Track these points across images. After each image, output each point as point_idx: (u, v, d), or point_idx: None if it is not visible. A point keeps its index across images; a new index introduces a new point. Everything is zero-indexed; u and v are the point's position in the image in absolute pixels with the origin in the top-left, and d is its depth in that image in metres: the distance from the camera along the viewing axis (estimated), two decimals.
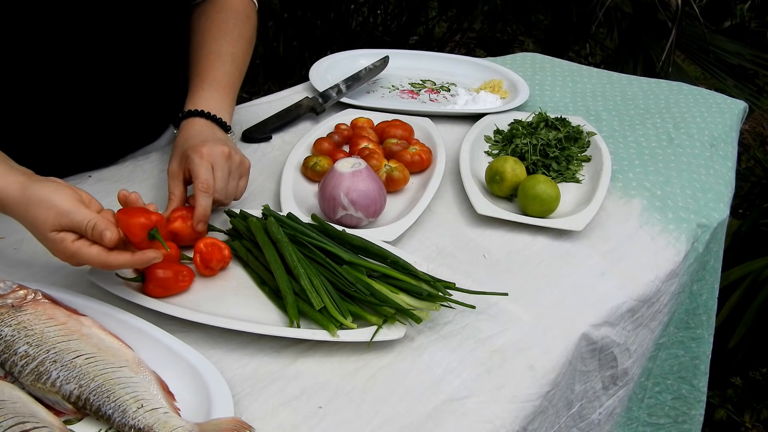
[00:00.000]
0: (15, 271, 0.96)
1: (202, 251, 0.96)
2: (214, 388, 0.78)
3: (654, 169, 1.30)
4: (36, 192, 0.85)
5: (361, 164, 1.09)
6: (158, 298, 0.91)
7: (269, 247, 0.97)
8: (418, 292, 0.90)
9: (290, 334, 0.87)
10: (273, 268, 0.94)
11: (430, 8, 3.26)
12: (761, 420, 2.06)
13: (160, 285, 0.91)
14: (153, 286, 0.91)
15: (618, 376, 1.11)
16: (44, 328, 0.81)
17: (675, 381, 1.33)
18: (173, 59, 1.24)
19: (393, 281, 0.92)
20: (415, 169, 1.23)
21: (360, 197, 1.06)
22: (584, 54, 3.11)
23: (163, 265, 0.91)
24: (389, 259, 0.96)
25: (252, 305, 0.93)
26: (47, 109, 1.10)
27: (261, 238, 0.98)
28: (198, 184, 1.00)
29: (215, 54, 1.19)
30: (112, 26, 1.09)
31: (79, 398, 0.75)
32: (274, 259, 0.95)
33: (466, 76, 1.60)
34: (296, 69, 2.87)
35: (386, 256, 0.97)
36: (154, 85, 1.23)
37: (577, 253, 1.08)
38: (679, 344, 1.29)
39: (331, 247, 0.97)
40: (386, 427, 0.79)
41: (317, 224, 1.04)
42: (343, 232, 1.01)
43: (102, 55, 1.10)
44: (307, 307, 0.89)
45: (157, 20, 1.16)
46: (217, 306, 0.92)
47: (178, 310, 0.88)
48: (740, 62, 2.40)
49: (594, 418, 1.10)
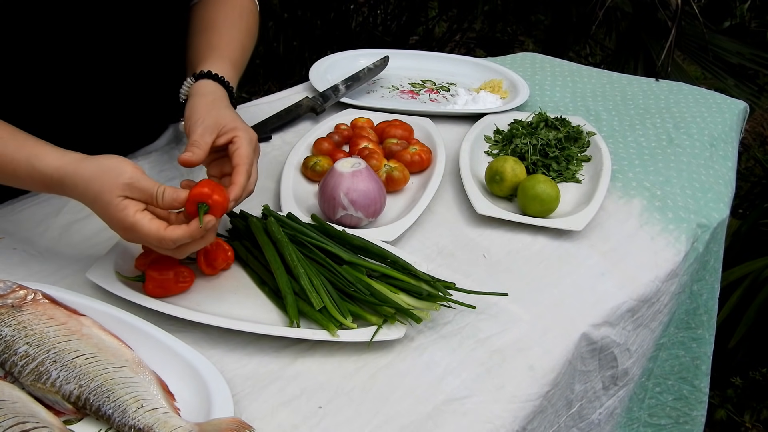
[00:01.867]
0: (15, 271, 0.96)
1: (207, 250, 0.96)
2: (213, 388, 0.78)
3: (654, 169, 1.30)
4: (104, 162, 0.87)
5: (361, 164, 1.09)
6: (158, 298, 0.91)
7: (269, 247, 0.97)
8: (418, 292, 0.91)
9: (290, 334, 0.87)
10: (273, 268, 0.94)
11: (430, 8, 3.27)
12: (761, 420, 2.06)
13: (160, 285, 0.91)
14: (153, 286, 0.91)
15: (618, 376, 1.11)
16: (44, 328, 0.81)
17: (676, 381, 1.33)
18: (173, 59, 1.24)
19: (393, 281, 0.92)
20: (415, 169, 1.23)
21: (360, 197, 1.06)
22: (584, 54, 3.11)
23: (162, 265, 0.91)
24: (389, 259, 0.96)
25: (252, 305, 0.93)
26: (46, 108, 1.10)
27: (261, 239, 0.98)
28: (245, 163, 0.93)
29: (228, 37, 1.15)
30: (112, 25, 1.09)
31: (79, 398, 0.76)
32: (274, 259, 0.95)
33: (466, 76, 1.60)
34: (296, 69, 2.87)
35: (386, 256, 0.97)
36: (153, 85, 1.23)
37: (577, 253, 1.08)
38: (679, 344, 1.29)
39: (331, 247, 0.97)
40: (386, 427, 0.79)
41: (317, 224, 1.04)
42: (342, 232, 1.01)
43: (102, 54, 1.10)
44: (307, 307, 0.89)
45: (156, 19, 1.16)
46: (217, 306, 0.92)
47: (178, 309, 0.88)
48: (740, 61, 2.39)
49: (594, 419, 1.10)
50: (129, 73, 1.16)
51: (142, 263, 0.95)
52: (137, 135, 1.27)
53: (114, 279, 0.92)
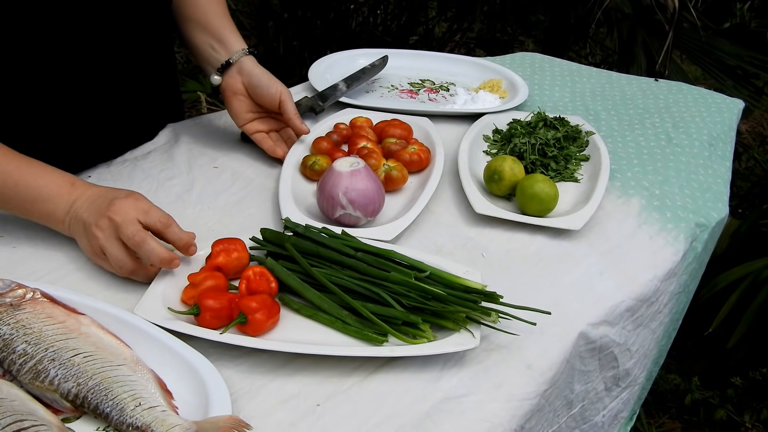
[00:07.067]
0: (14, 269, 0.96)
1: (249, 278, 0.92)
2: (212, 386, 0.78)
3: (653, 169, 1.31)
4: (119, 192, 0.96)
5: (360, 163, 1.09)
6: (215, 329, 0.87)
7: (326, 270, 0.95)
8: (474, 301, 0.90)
9: (371, 353, 0.85)
10: (336, 291, 0.92)
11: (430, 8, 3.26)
12: (761, 420, 2.06)
13: (217, 315, 0.87)
14: (210, 316, 0.87)
15: (620, 377, 1.11)
16: (43, 326, 0.81)
17: (654, 367, 1.34)
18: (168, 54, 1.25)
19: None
20: (414, 169, 1.23)
21: (358, 196, 1.06)
22: (584, 54, 3.11)
23: (217, 295, 0.89)
24: (428, 272, 0.94)
25: (302, 324, 0.91)
26: (43, 106, 1.10)
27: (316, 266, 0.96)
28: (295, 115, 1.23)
29: (222, 7, 1.28)
30: (106, 21, 1.09)
31: (77, 396, 0.76)
32: (347, 281, 0.93)
33: (465, 75, 1.60)
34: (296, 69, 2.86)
35: (423, 269, 0.95)
36: (150, 83, 1.24)
37: (576, 253, 1.09)
38: (667, 337, 1.29)
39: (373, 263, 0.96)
40: (384, 426, 0.79)
41: (343, 238, 1.01)
42: (370, 246, 0.99)
43: (97, 51, 1.11)
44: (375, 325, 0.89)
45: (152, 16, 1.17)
46: (279, 332, 0.89)
47: (236, 338, 0.85)
48: (739, 63, 2.40)
49: (597, 421, 1.10)
50: (125, 70, 1.17)
51: (190, 296, 0.91)
52: (135, 132, 1.27)
53: (166, 314, 0.88)
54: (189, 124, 1.35)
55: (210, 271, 0.94)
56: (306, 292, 0.93)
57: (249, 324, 0.86)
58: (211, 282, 0.91)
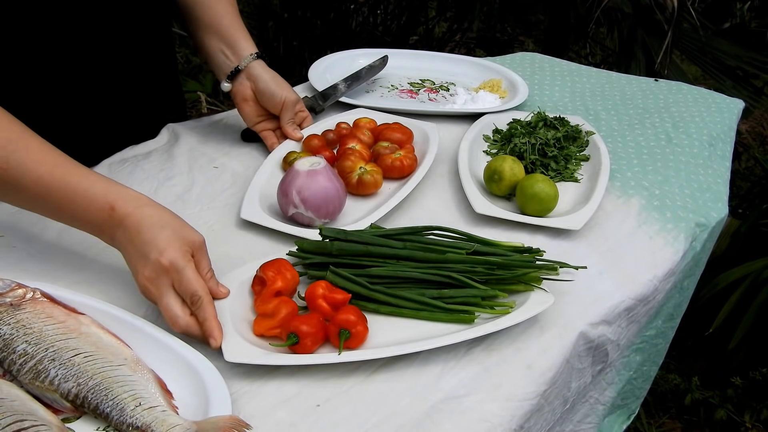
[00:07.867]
0: (14, 269, 0.96)
1: (322, 295, 0.90)
2: (212, 386, 0.79)
3: (652, 169, 1.31)
4: (175, 218, 0.91)
5: (320, 164, 1.07)
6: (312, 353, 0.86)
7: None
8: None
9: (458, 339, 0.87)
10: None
11: (430, 8, 3.26)
12: (761, 420, 2.06)
13: (315, 339, 0.86)
14: (310, 342, 0.86)
15: (605, 369, 1.11)
16: (43, 326, 0.81)
17: (650, 367, 1.34)
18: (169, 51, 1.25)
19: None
20: (395, 175, 1.21)
21: (311, 196, 1.05)
22: (584, 54, 3.11)
23: (311, 320, 0.87)
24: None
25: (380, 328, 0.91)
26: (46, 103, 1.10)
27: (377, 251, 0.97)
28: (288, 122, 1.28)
29: (235, 11, 1.28)
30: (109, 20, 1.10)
31: (77, 396, 0.76)
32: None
33: (465, 75, 1.60)
34: (296, 69, 2.86)
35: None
36: (152, 80, 1.24)
37: (575, 253, 1.08)
38: (662, 335, 1.29)
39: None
40: (384, 425, 0.79)
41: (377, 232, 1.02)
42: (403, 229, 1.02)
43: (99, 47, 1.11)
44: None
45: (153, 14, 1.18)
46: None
47: (358, 354, 0.86)
48: (738, 64, 2.40)
49: (580, 410, 1.11)
50: (126, 67, 1.17)
51: (268, 327, 0.88)
52: (137, 130, 1.27)
53: (259, 351, 0.85)
54: (189, 125, 1.35)
55: (273, 297, 0.90)
56: (376, 296, 0.92)
57: (353, 337, 0.86)
58: (285, 309, 0.88)
